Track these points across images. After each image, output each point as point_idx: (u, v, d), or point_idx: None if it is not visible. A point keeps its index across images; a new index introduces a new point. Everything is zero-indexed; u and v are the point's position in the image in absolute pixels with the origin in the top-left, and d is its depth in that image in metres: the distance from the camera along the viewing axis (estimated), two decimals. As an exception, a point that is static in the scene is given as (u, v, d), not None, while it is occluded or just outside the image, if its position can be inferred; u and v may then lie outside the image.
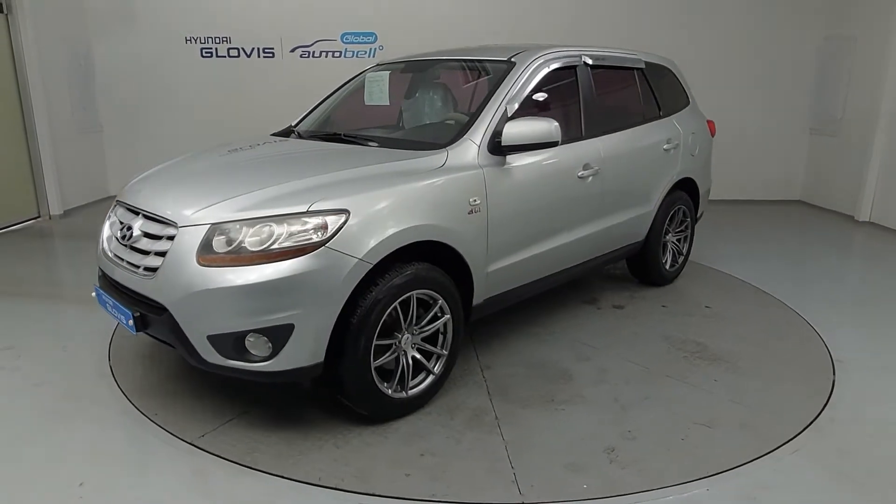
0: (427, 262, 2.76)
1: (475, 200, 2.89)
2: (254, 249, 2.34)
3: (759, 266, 5.12)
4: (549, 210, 3.36)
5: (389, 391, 2.70)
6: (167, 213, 2.53)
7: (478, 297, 3.08)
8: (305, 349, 2.40)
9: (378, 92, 3.87)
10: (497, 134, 3.04)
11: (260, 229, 2.36)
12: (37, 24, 6.17)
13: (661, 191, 4.30)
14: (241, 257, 2.34)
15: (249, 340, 2.37)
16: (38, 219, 6.47)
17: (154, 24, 7.09)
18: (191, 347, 2.42)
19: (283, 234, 2.36)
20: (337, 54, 7.24)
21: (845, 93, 7.00)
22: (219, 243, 2.37)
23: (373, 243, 2.46)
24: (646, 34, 7.05)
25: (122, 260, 2.65)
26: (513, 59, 3.42)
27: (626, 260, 4.60)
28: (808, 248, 5.89)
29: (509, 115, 3.14)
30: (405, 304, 2.68)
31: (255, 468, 2.44)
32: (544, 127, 3.01)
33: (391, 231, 2.52)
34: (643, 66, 4.31)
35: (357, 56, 7.24)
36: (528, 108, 3.30)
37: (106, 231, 2.89)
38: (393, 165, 2.79)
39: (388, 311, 2.59)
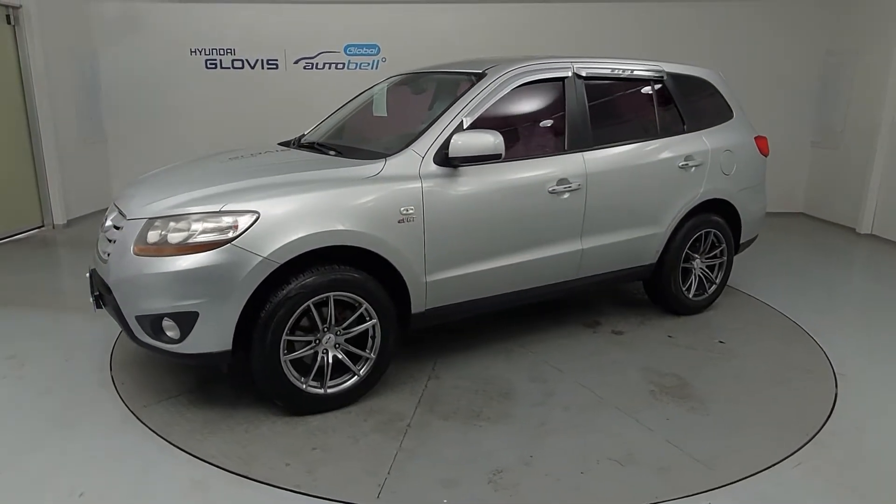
0: (354, 265, 2.87)
1: (408, 210, 2.95)
2: (173, 242, 2.63)
3: (769, 283, 4.98)
4: (507, 224, 3.29)
5: (304, 385, 2.85)
6: (125, 208, 2.92)
7: (417, 306, 3.12)
8: (211, 336, 2.64)
9: (380, 104, 4.06)
10: (447, 145, 3.07)
11: (181, 225, 2.64)
12: (43, 36, 6.27)
13: (677, 211, 3.98)
14: (164, 249, 2.63)
15: (164, 323, 2.66)
16: (42, 228, 6.51)
17: (159, 36, 7.26)
18: (126, 325, 2.77)
19: (198, 230, 2.62)
20: (340, 66, 7.42)
21: (846, 106, 7.07)
22: (152, 236, 2.69)
23: (279, 244, 2.64)
24: (649, 48, 6.79)
25: (100, 247, 3.09)
26: (485, 71, 3.42)
27: (642, 284, 4.33)
28: (812, 261, 5.79)
29: (465, 128, 3.16)
30: (329, 305, 2.82)
31: (168, 440, 2.71)
32: (487, 140, 3.00)
33: (300, 234, 2.68)
34: (663, 77, 4.04)
35: (360, 68, 7.39)
36: (491, 121, 3.28)
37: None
38: (325, 173, 2.95)
39: (301, 309, 2.74)
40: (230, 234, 2.60)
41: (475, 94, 3.27)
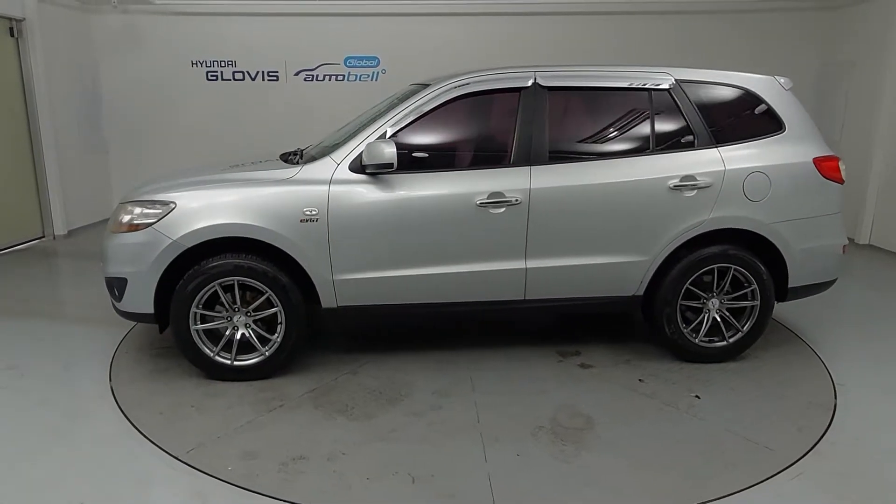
0: (269, 258, 3.26)
1: (311, 212, 3.22)
2: (124, 223, 3.33)
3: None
4: (423, 234, 3.30)
5: (213, 354, 3.32)
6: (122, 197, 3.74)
7: (328, 302, 3.36)
8: (137, 300, 3.27)
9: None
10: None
11: (130, 209, 3.34)
12: (46, 48, 6.34)
13: (669, 239, 3.47)
14: (120, 228, 3.36)
15: (113, 285, 3.37)
16: (43, 238, 6.55)
17: (161, 47, 7.33)
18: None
19: (138, 214, 3.29)
20: (340, 78, 7.47)
21: (843, 116, 7.10)
22: (119, 217, 3.42)
23: (186, 230, 3.16)
24: (643, 61, 5.78)
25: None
26: (430, 83, 3.49)
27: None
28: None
29: (387, 137, 3.30)
30: (245, 288, 3.27)
31: (111, 382, 3.41)
32: (383, 150, 3.12)
33: (203, 223, 3.16)
34: (670, 86, 3.55)
35: (360, 80, 7.36)
36: (421, 132, 3.37)
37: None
38: (247, 174, 3.40)
39: (208, 287, 3.23)
40: (153, 220, 3.21)
41: (405, 106, 3.38)
